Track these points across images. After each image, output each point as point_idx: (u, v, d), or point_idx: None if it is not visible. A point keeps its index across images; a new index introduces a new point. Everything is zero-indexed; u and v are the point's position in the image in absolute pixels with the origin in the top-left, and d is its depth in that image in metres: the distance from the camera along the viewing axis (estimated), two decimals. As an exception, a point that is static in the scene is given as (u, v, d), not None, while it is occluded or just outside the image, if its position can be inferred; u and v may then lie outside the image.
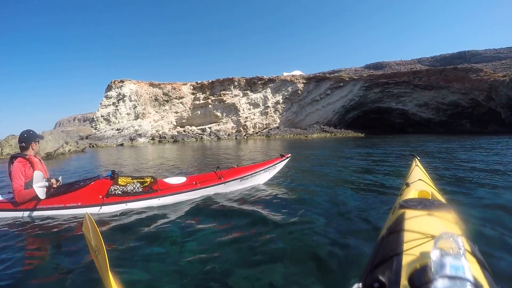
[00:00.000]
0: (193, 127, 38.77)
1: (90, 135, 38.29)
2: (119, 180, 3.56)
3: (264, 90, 36.11)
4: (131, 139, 32.78)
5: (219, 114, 37.23)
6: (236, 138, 33.67)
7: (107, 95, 39.36)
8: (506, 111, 36.36)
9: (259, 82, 36.18)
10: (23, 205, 3.10)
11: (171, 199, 3.57)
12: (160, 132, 38.57)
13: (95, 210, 3.23)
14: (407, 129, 35.72)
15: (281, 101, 35.79)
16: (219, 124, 37.19)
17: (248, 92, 36.46)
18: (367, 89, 34.87)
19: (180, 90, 40.23)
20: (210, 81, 38.81)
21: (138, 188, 3.54)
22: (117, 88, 39.07)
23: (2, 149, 14.21)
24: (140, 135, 36.41)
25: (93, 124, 39.25)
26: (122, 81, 39.70)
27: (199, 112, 38.64)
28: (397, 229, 1.33)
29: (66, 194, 3.22)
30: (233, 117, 36.63)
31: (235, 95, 36.71)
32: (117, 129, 36.82)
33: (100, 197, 3.26)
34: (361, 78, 34.96)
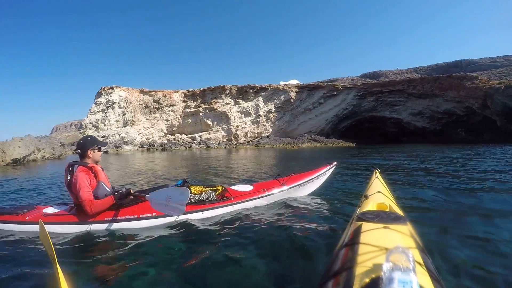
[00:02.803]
0: (184, 135, 38.00)
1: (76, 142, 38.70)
2: (191, 188, 3.48)
3: (256, 99, 35.39)
4: (116, 147, 32.10)
5: (210, 122, 36.49)
6: (225, 147, 33.07)
7: (96, 101, 39.07)
8: (502, 119, 35.84)
9: (251, 91, 35.48)
10: (92, 217, 2.91)
11: (243, 206, 3.64)
12: (150, 140, 37.93)
13: (171, 219, 3.12)
14: (402, 139, 35.10)
15: (273, 110, 35.07)
16: (209, 132, 36.43)
17: (239, 100, 35.74)
18: (361, 98, 34.26)
19: (171, 97, 39.57)
20: (201, 89, 38.14)
21: (213, 196, 3.53)
22: (107, 94, 38.64)
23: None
24: (126, 143, 35.72)
25: (82, 131, 39.24)
26: (111, 88, 39.28)
27: (189, 120, 37.92)
28: (353, 241, 1.33)
29: (138, 204, 3.07)
30: (224, 126, 35.87)
31: (226, 104, 35.98)
32: (103, 136, 36.15)
33: None
34: (354, 87, 34.38)
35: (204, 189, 3.61)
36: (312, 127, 34.33)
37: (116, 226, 2.96)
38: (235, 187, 3.87)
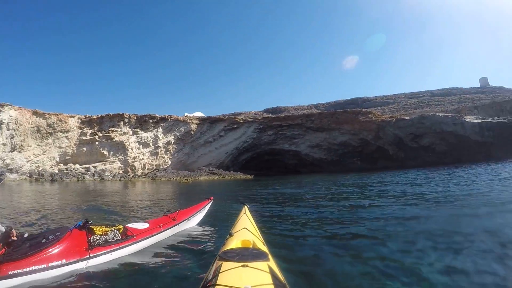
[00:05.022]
0: (77, 165, 34.99)
1: (-51, 167, 33.77)
2: (95, 229, 3.31)
3: (156, 129, 34.16)
4: (-2, 175, 28.21)
5: (105, 152, 34.16)
6: (120, 180, 31.25)
7: (-18, 120, 34.12)
8: (394, 148, 39.66)
9: (151, 121, 34.14)
10: None
11: (146, 243, 3.70)
12: (40, 169, 34.27)
13: (82, 265, 2.93)
14: (301, 170, 36.77)
15: (172, 141, 34.17)
16: (105, 163, 34.10)
17: (138, 130, 34.14)
18: (261, 131, 35.21)
19: (66, 122, 36.22)
20: (99, 115, 35.64)
21: (117, 236, 3.44)
22: (-5, 113, 34.02)
23: None
24: (11, 170, 31.77)
25: (-39, 154, 34.06)
26: (1, 105, 34.72)
27: (84, 149, 35.06)
28: (211, 282, 1.34)
29: (42, 251, 2.69)
30: (120, 157, 33.89)
31: (124, 133, 34.08)
32: (-16, 163, 31.77)
33: (84, 249, 3.00)
34: (255, 121, 35.22)
35: (106, 229, 3.47)
36: (212, 159, 34.21)
37: (20, 281, 2.52)
38: (132, 225, 3.88)
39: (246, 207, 3.17)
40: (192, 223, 4.82)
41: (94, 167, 34.20)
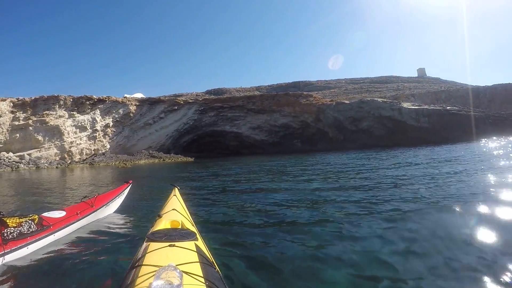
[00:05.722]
0: (11, 154, 33.71)
1: None
2: (8, 221, 3.11)
3: (93, 112, 33.78)
4: None
5: (40, 138, 33.22)
6: (57, 167, 30.71)
7: None
8: (333, 131, 42.27)
9: (88, 102, 33.66)
10: None
11: (63, 232, 3.59)
12: (-30, 158, 32.53)
13: None
14: (242, 151, 38.29)
15: (111, 124, 34.03)
16: (40, 150, 33.20)
17: (74, 113, 33.54)
18: (202, 113, 36.14)
19: (-4, 107, 34.69)
20: (32, 98, 34.46)
21: (33, 227, 3.27)
22: None
23: None
24: None
25: None
26: None
27: (18, 135, 33.76)
28: (138, 263, 1.34)
29: None
30: (56, 142, 33.18)
31: (60, 116, 33.33)
32: None
33: None
34: (196, 102, 36.02)
35: (20, 220, 3.26)
36: (153, 142, 34.64)
37: None
38: (48, 214, 3.71)
39: (176, 188, 3.21)
40: (112, 208, 4.69)
41: (29, 154, 33.19)
